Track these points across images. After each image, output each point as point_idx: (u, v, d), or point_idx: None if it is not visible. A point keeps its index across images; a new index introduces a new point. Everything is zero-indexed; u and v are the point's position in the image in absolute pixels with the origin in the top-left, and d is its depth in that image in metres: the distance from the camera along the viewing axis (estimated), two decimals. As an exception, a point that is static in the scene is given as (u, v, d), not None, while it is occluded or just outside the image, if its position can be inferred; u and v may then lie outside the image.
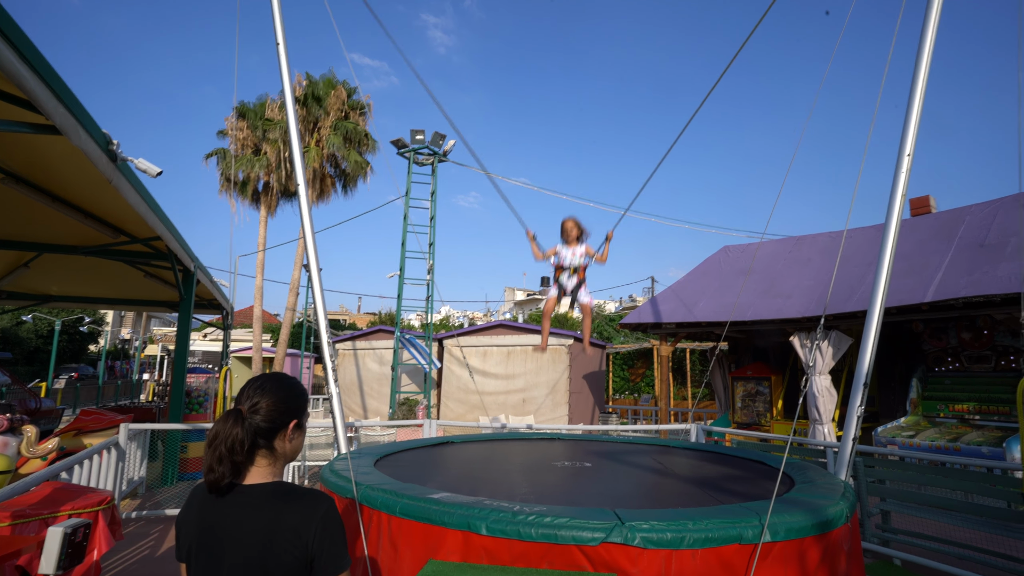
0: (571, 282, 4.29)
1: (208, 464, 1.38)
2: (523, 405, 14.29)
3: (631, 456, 4.96)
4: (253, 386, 1.50)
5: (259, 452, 1.45)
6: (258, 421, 1.44)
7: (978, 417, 8.94)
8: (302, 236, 4.40)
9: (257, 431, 1.44)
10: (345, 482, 3.14)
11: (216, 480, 1.37)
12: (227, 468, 1.37)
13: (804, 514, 2.61)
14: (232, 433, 1.39)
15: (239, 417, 1.42)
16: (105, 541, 3.23)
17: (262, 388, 1.49)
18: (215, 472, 1.37)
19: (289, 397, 1.51)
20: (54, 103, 3.06)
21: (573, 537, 2.36)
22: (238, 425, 1.41)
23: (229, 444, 1.38)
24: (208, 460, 1.39)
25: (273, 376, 1.54)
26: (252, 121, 18.80)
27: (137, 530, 5.83)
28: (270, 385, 1.50)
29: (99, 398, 22.90)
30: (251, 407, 1.45)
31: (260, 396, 1.47)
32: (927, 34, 3.78)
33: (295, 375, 22.45)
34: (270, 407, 1.46)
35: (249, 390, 1.49)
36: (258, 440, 1.44)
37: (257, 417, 1.44)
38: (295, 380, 1.58)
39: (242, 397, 1.49)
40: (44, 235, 7.26)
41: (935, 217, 10.50)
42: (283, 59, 4.56)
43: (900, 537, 5.13)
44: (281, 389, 1.50)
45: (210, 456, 1.39)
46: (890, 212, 3.81)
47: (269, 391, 1.48)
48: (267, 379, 1.52)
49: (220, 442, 1.39)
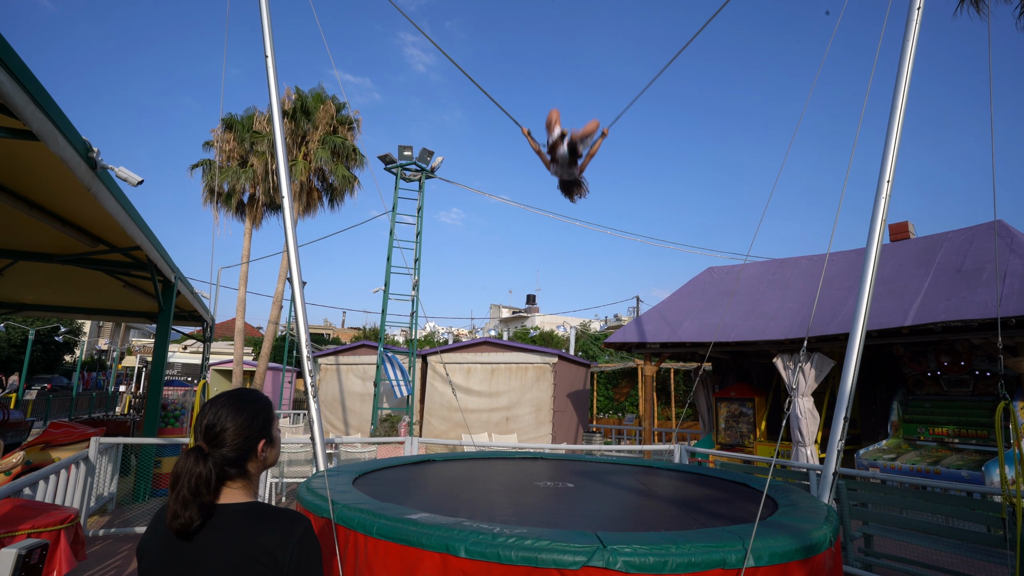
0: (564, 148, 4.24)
1: (172, 510, 1.26)
2: (506, 423, 14.17)
3: (614, 477, 4.90)
4: (210, 413, 1.37)
5: (231, 479, 1.36)
6: (224, 453, 1.34)
7: (957, 440, 9.03)
8: (286, 249, 4.34)
9: (225, 462, 1.34)
10: (322, 501, 3.06)
11: (182, 527, 1.25)
12: (194, 512, 1.26)
13: (788, 538, 2.58)
14: (195, 472, 1.27)
15: (200, 454, 1.31)
16: (66, 562, 3.09)
17: (218, 416, 1.36)
18: (180, 518, 1.25)
19: (250, 418, 1.40)
20: (32, 108, 2.99)
21: (554, 560, 2.31)
22: (199, 463, 1.29)
23: (193, 486, 1.26)
24: (172, 506, 1.26)
25: (229, 399, 1.42)
26: (239, 133, 18.74)
27: (104, 548, 5.63)
28: (226, 411, 1.38)
29: (72, 410, 22.29)
30: (213, 439, 1.34)
31: (220, 424, 1.35)
32: (905, 61, 3.88)
33: (276, 389, 22.01)
34: (235, 435, 1.36)
35: (208, 418, 1.37)
36: (227, 471, 1.34)
37: (223, 449, 1.34)
38: (255, 394, 1.47)
39: (199, 428, 1.36)
40: (20, 242, 7.09)
41: (914, 243, 10.70)
42: (271, 72, 4.55)
43: (883, 561, 5.11)
44: (241, 411, 1.39)
45: (173, 501, 1.26)
46: (871, 236, 3.86)
47: (229, 417, 1.36)
48: (224, 403, 1.40)
49: (183, 484, 1.26)
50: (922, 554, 4.99)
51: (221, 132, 18.88)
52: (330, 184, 19.39)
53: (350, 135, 19.21)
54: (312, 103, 18.86)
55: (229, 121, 18.84)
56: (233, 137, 18.69)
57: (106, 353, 43.52)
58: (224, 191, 18.76)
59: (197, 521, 1.27)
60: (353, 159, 19.29)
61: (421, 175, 14.69)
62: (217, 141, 18.90)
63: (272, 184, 18.28)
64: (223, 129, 18.84)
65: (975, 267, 8.80)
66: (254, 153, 18.57)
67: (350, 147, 18.98)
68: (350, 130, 19.34)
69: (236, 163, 18.75)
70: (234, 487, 1.37)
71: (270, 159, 18.27)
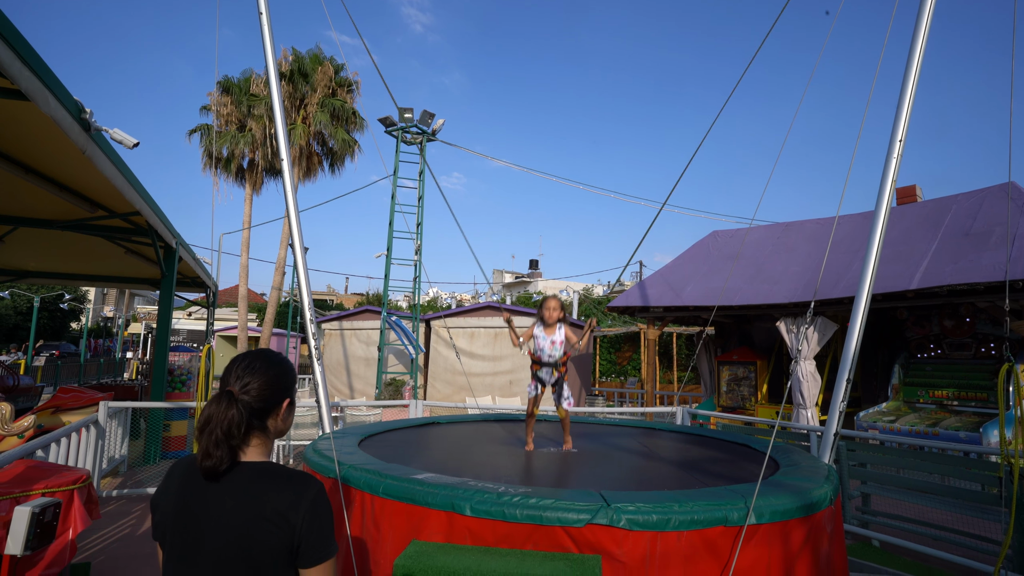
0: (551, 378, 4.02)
1: (204, 449, 1.30)
2: (510, 387, 14.32)
3: (617, 439, 4.96)
4: (241, 365, 1.41)
5: (253, 433, 1.38)
6: (250, 401, 1.37)
7: (956, 403, 9.09)
8: (287, 215, 4.29)
9: (251, 411, 1.37)
10: (328, 461, 3.10)
11: (214, 466, 1.29)
12: (224, 452, 1.30)
13: (789, 497, 2.60)
14: (228, 415, 1.31)
15: (231, 398, 1.34)
16: (81, 520, 3.16)
17: (251, 367, 1.40)
18: (212, 457, 1.29)
19: (280, 375, 1.43)
20: (18, 65, 2.90)
21: (558, 518, 2.34)
22: (232, 407, 1.33)
23: (226, 427, 1.30)
24: (204, 445, 1.30)
25: (260, 354, 1.46)
26: (237, 96, 18.39)
27: (117, 508, 5.77)
28: (259, 364, 1.42)
29: (81, 376, 22.59)
30: (242, 387, 1.37)
31: (250, 376, 1.39)
32: (921, 22, 3.73)
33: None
34: (262, 387, 1.39)
35: (237, 369, 1.41)
36: (252, 421, 1.37)
37: (248, 397, 1.37)
38: (283, 356, 1.50)
39: (230, 377, 1.40)
40: (18, 208, 7.04)
41: (922, 205, 10.56)
42: (266, 29, 4.40)
43: (879, 519, 5.21)
44: (271, 367, 1.42)
45: (206, 441, 1.30)
46: (880, 197, 3.78)
47: (259, 370, 1.40)
48: (255, 357, 1.44)
49: (216, 425, 1.30)
50: (918, 512, 5.08)
51: (218, 96, 18.54)
52: (330, 148, 19.13)
53: (349, 98, 18.85)
54: (310, 65, 18.45)
55: (226, 84, 18.46)
56: (231, 101, 18.36)
57: (112, 320, 43.87)
58: (223, 156, 18.54)
59: (227, 462, 1.30)
60: (353, 122, 18.98)
61: (422, 138, 14.45)
62: (214, 105, 18.58)
63: (271, 148, 18.05)
64: (220, 92, 18.49)
65: (984, 230, 8.69)
66: (252, 117, 18.27)
67: (349, 110, 18.65)
68: (349, 92, 18.97)
69: (234, 127, 18.47)
70: (254, 444, 1.39)
71: (268, 123, 17.99)
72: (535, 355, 4.06)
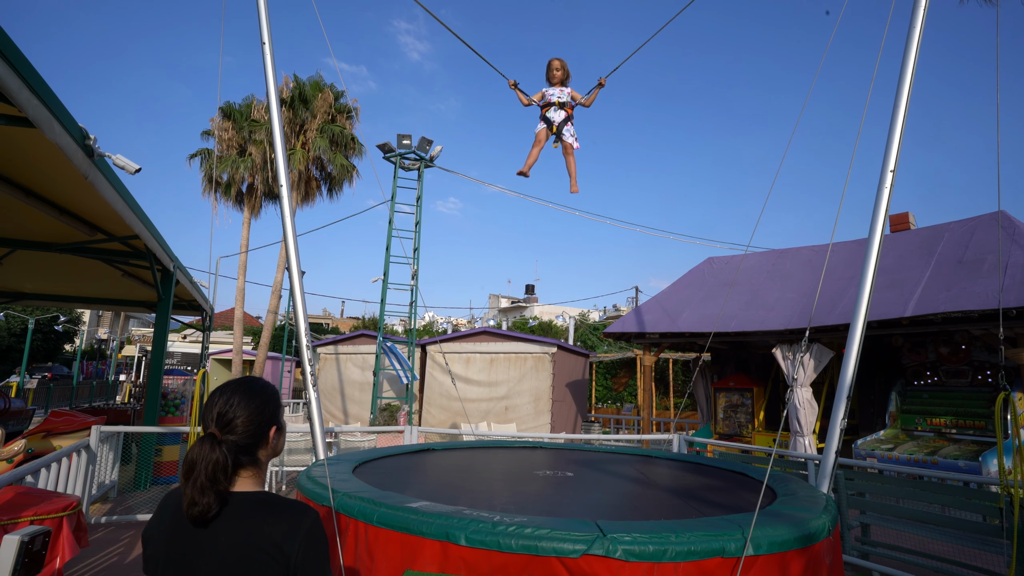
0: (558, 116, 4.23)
1: (190, 498, 1.25)
2: (505, 412, 14.21)
3: (613, 466, 4.92)
4: (220, 402, 1.37)
5: (242, 467, 1.36)
6: (237, 440, 1.33)
7: (955, 431, 9.06)
8: (284, 239, 4.32)
9: (238, 449, 1.33)
10: (322, 489, 3.07)
11: (201, 514, 1.24)
12: (211, 499, 1.25)
13: (787, 527, 2.59)
14: (212, 459, 1.27)
15: (214, 441, 1.31)
16: (69, 549, 3.11)
17: (230, 403, 1.36)
18: (199, 505, 1.24)
19: (261, 406, 1.39)
20: (26, 94, 2.96)
21: (554, 549, 2.31)
22: (216, 450, 1.28)
23: (210, 472, 1.25)
24: (189, 493, 1.25)
25: (238, 386, 1.41)
26: (238, 122, 18.63)
27: (106, 536, 5.66)
28: (238, 398, 1.37)
29: (73, 399, 22.34)
30: (224, 427, 1.34)
31: (232, 411, 1.35)
32: (911, 50, 3.84)
33: (276, 378, 22.10)
34: (246, 423, 1.35)
35: (218, 406, 1.36)
36: (240, 458, 1.34)
37: (234, 436, 1.33)
38: (263, 382, 1.46)
39: (209, 416, 1.35)
40: (18, 231, 7.07)
41: (915, 233, 10.68)
42: (268, 59, 4.50)
43: (879, 550, 5.15)
44: (252, 400, 1.38)
45: (191, 489, 1.25)
46: (873, 226, 3.84)
47: (239, 405, 1.36)
48: (233, 391, 1.39)
49: (200, 471, 1.25)
50: (918, 543, 5.02)
51: (219, 121, 18.78)
52: (328, 173, 19.31)
53: (348, 124, 19.10)
54: (310, 91, 18.74)
55: (227, 110, 18.72)
56: (231, 126, 18.59)
57: (106, 342, 43.56)
58: (223, 180, 18.68)
59: (215, 508, 1.26)
60: (352, 148, 19.20)
61: (420, 164, 14.61)
62: (216, 130, 18.80)
63: (271, 173, 18.20)
64: (221, 118, 18.73)
65: (976, 258, 8.78)
66: (252, 142, 18.47)
67: (348, 136, 18.88)
68: (348, 119, 19.22)
69: (235, 152, 18.66)
70: (245, 476, 1.37)
71: (268, 148, 18.18)
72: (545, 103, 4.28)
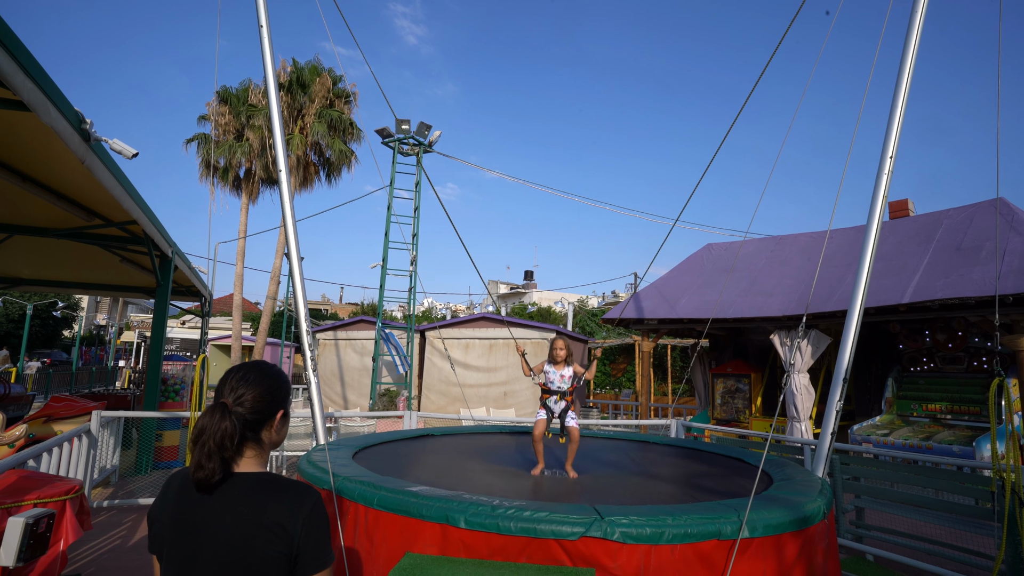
0: (558, 406, 4.25)
1: (196, 461, 1.30)
2: (504, 398, 14.29)
3: (611, 452, 4.97)
4: (236, 377, 1.43)
5: (246, 444, 1.40)
6: (244, 413, 1.38)
7: (950, 416, 9.14)
8: (283, 224, 4.31)
9: (244, 423, 1.38)
10: (322, 473, 3.09)
11: (206, 477, 1.29)
12: (217, 464, 1.30)
13: (782, 510, 2.62)
14: (221, 427, 1.32)
15: (225, 410, 1.36)
16: (72, 531, 3.14)
17: (245, 379, 1.42)
18: (204, 469, 1.29)
19: (274, 387, 1.45)
20: (21, 76, 2.93)
21: (552, 531, 2.34)
22: (226, 418, 1.34)
23: (218, 439, 1.31)
24: (196, 457, 1.31)
25: (255, 365, 1.48)
26: (235, 107, 18.46)
27: (108, 519, 5.71)
28: (253, 376, 1.43)
29: (72, 385, 22.41)
30: (236, 399, 1.39)
31: (244, 387, 1.41)
32: (911, 37, 3.81)
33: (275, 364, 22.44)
34: (256, 399, 1.41)
35: (232, 381, 1.42)
36: (246, 433, 1.39)
37: (242, 409, 1.38)
38: (278, 368, 1.52)
39: (224, 389, 1.42)
40: (14, 216, 7.03)
41: (913, 220, 10.67)
42: (266, 42, 4.45)
43: (873, 533, 5.22)
44: (266, 379, 1.44)
45: (198, 452, 1.31)
46: (871, 213, 3.84)
47: (253, 382, 1.42)
48: (249, 369, 1.46)
49: (208, 437, 1.31)
50: (912, 526, 5.09)
51: (216, 105, 18.61)
52: (327, 158, 19.19)
53: (347, 109, 18.95)
54: (308, 76, 18.55)
55: (224, 94, 18.53)
56: (228, 111, 18.43)
57: (104, 328, 43.58)
58: (220, 165, 18.56)
59: (219, 474, 1.31)
60: (350, 133, 19.06)
61: (419, 149, 14.53)
62: (212, 114, 18.63)
63: (269, 158, 18.09)
64: (218, 102, 18.56)
65: (974, 245, 8.79)
66: (250, 127, 18.33)
67: (347, 121, 18.73)
68: (347, 103, 19.06)
69: (232, 137, 18.52)
70: (248, 456, 1.41)
71: (266, 133, 18.05)
72: (545, 385, 4.34)
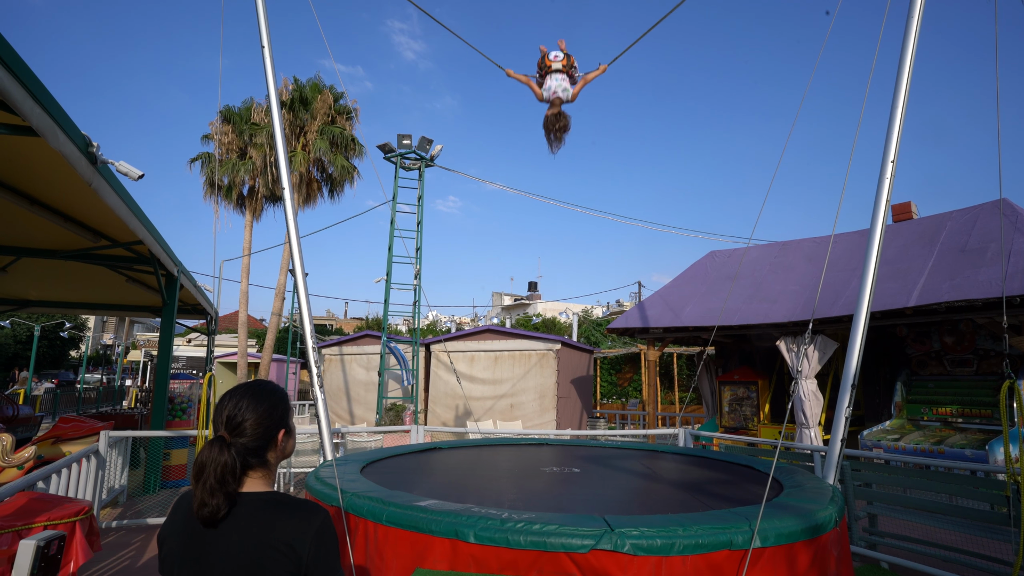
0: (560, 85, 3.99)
1: (200, 499, 1.28)
2: (511, 410, 14.24)
3: (619, 461, 4.94)
4: (230, 404, 1.39)
5: (251, 467, 1.38)
6: (246, 442, 1.36)
7: (961, 420, 9.05)
8: (287, 241, 4.34)
9: (246, 452, 1.36)
10: (331, 489, 3.09)
11: (210, 515, 1.28)
12: (220, 499, 1.29)
13: (794, 519, 2.60)
14: (221, 461, 1.30)
15: (224, 444, 1.34)
16: (82, 553, 3.14)
17: (239, 406, 1.38)
18: (208, 506, 1.28)
19: (270, 408, 1.42)
20: (30, 103, 2.98)
21: (562, 544, 2.33)
22: (225, 452, 1.31)
23: (219, 474, 1.29)
24: (199, 495, 1.28)
25: (248, 390, 1.44)
26: (238, 125, 18.64)
27: (117, 540, 5.70)
28: (247, 401, 1.40)
29: (80, 405, 22.44)
30: (234, 429, 1.37)
31: (240, 415, 1.38)
32: (909, 40, 3.83)
33: (281, 380, 22.15)
34: (255, 425, 1.38)
35: (227, 410, 1.39)
36: (249, 460, 1.37)
37: (243, 439, 1.36)
38: (272, 386, 1.49)
39: (219, 419, 1.39)
40: (22, 239, 7.11)
41: (917, 223, 10.65)
42: (268, 63, 4.51)
43: (887, 540, 5.15)
44: (260, 403, 1.41)
45: (200, 490, 1.28)
46: (875, 217, 3.84)
47: (248, 409, 1.39)
48: (243, 394, 1.42)
49: (209, 473, 1.29)
50: (926, 532, 5.03)
51: (219, 124, 18.80)
52: (329, 175, 19.32)
53: (348, 125, 19.10)
54: (310, 93, 18.74)
55: (227, 113, 18.73)
56: (231, 129, 18.61)
57: (111, 348, 43.72)
58: (224, 184, 18.72)
59: (224, 509, 1.29)
60: (352, 149, 19.20)
61: (421, 164, 14.62)
62: (216, 133, 18.83)
63: (272, 176, 18.22)
64: (221, 121, 18.75)
65: (979, 246, 8.76)
66: (253, 145, 18.50)
67: (349, 137, 18.88)
68: (348, 120, 19.22)
69: (235, 155, 18.69)
70: (255, 477, 1.40)
71: (269, 150, 18.20)
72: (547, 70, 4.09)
